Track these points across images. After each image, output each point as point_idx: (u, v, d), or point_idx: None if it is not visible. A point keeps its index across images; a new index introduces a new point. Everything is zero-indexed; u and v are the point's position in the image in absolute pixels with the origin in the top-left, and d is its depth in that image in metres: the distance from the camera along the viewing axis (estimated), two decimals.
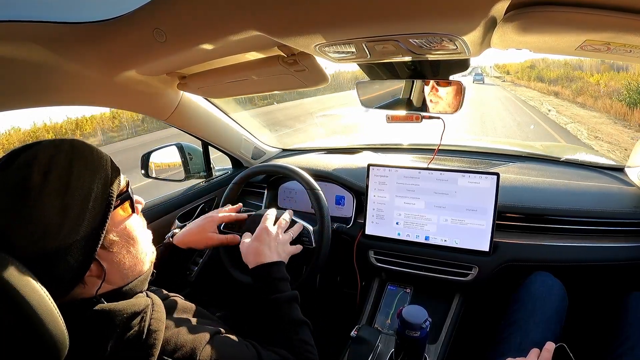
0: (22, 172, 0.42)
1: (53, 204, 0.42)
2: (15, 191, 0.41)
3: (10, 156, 0.44)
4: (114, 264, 0.49)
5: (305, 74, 0.80)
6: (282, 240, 0.80)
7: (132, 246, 0.52)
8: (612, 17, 0.45)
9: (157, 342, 0.46)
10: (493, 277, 0.95)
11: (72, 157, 0.46)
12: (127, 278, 0.52)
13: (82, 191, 0.44)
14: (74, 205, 0.43)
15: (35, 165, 0.43)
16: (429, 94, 0.92)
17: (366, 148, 1.47)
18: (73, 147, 0.47)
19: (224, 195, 1.06)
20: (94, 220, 0.45)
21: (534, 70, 39.56)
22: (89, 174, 0.46)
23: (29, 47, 0.61)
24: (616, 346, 0.76)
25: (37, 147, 0.45)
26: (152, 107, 1.03)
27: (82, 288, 0.47)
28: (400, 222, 1.02)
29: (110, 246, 0.49)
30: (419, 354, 0.73)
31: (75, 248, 0.43)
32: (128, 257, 0.51)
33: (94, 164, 0.47)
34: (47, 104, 0.77)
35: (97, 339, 0.44)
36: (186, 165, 1.30)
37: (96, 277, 0.48)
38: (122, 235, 0.51)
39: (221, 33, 0.61)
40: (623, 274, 0.94)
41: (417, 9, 0.47)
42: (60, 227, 0.42)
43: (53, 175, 0.43)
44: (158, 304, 0.52)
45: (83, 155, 0.47)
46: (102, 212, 0.46)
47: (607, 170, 1.16)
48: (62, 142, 0.47)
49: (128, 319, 0.46)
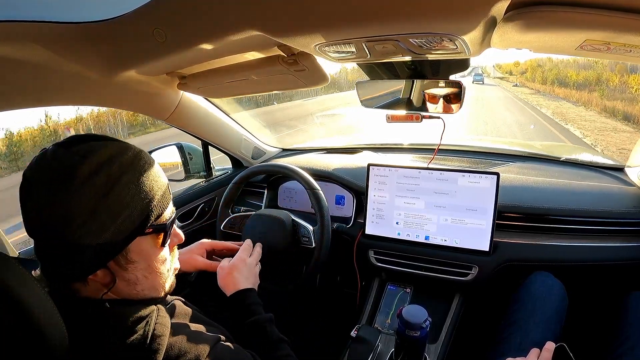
0: (77, 158, 0.42)
1: (87, 201, 0.42)
2: (64, 172, 0.42)
3: (79, 139, 0.45)
4: (125, 281, 0.48)
5: (305, 73, 0.80)
6: (256, 271, 0.80)
7: (151, 274, 0.50)
8: (612, 17, 0.45)
9: (161, 347, 0.46)
10: (493, 277, 0.95)
11: (128, 168, 0.45)
12: (137, 296, 0.50)
13: (119, 203, 0.43)
14: (105, 211, 0.43)
15: (91, 158, 0.43)
16: (430, 94, 0.92)
17: (366, 148, 1.47)
18: (135, 158, 0.46)
19: (224, 195, 1.06)
20: (116, 236, 0.44)
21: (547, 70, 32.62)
22: (135, 191, 0.45)
23: (29, 47, 0.61)
24: (616, 346, 0.76)
25: (104, 143, 0.45)
26: (152, 107, 1.03)
27: (82, 286, 0.46)
28: (400, 221, 1.02)
29: (126, 265, 0.47)
30: (419, 353, 0.73)
31: (87, 251, 0.43)
32: (144, 281, 0.50)
33: (145, 183, 0.46)
34: (47, 104, 0.77)
35: (101, 342, 0.44)
36: (186, 165, 1.30)
37: (101, 282, 0.46)
38: (143, 261, 0.49)
39: (221, 33, 0.61)
40: (623, 274, 0.94)
41: (417, 9, 0.47)
42: (83, 224, 0.41)
43: (101, 176, 0.43)
44: (163, 309, 0.51)
45: (140, 171, 0.46)
46: (128, 232, 0.45)
47: (607, 170, 1.16)
48: (128, 149, 0.47)
49: (133, 323, 0.46)
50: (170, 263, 0.55)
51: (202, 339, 0.51)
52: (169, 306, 0.56)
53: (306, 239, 0.96)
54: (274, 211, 1.00)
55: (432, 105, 0.92)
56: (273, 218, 0.97)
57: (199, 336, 0.52)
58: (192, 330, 0.53)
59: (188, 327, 0.53)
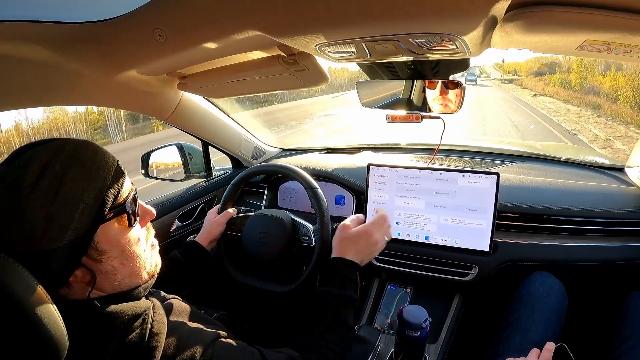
0: (20, 170, 0.42)
1: (40, 209, 0.41)
2: (11, 189, 0.41)
3: (18, 152, 0.44)
4: (104, 274, 0.48)
5: (305, 73, 0.81)
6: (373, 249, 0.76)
7: (127, 259, 0.49)
8: (612, 17, 0.45)
9: (159, 344, 0.45)
10: (493, 277, 0.95)
11: (71, 162, 0.44)
12: (120, 287, 0.50)
13: (71, 199, 0.43)
14: (60, 212, 0.42)
15: (33, 166, 0.42)
16: (430, 95, 0.92)
17: (366, 148, 1.47)
18: (75, 151, 0.45)
19: (224, 196, 1.06)
20: (79, 231, 0.43)
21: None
22: (83, 182, 0.44)
23: (29, 47, 0.61)
24: (616, 346, 0.76)
25: (43, 147, 0.44)
26: (152, 107, 1.03)
27: (69, 290, 0.46)
28: (400, 221, 1.02)
29: (99, 257, 0.47)
30: (419, 353, 0.73)
31: (58, 255, 0.42)
32: (122, 269, 0.49)
33: (91, 172, 0.45)
34: (47, 104, 0.77)
35: (98, 342, 0.44)
36: (186, 165, 1.30)
37: (82, 282, 0.46)
38: (115, 248, 0.48)
39: (221, 33, 0.61)
40: (623, 274, 0.94)
41: (417, 9, 0.47)
42: (44, 232, 0.41)
43: (45, 179, 0.42)
44: (159, 306, 0.51)
45: (82, 161, 0.45)
46: (89, 223, 0.44)
47: (607, 170, 1.16)
48: (65, 144, 0.45)
49: (129, 321, 0.45)
50: (146, 242, 0.54)
51: (200, 336, 0.51)
52: (166, 303, 0.56)
53: (306, 238, 0.95)
54: (274, 211, 1.00)
55: (432, 105, 0.92)
56: (273, 218, 0.97)
57: (197, 333, 0.52)
58: (191, 327, 0.53)
59: (186, 324, 0.53)
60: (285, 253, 0.96)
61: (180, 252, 0.90)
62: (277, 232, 0.95)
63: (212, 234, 0.97)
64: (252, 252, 0.97)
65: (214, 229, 0.97)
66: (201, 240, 0.94)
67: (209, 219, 1.00)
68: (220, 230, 0.98)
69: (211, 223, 0.98)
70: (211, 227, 0.97)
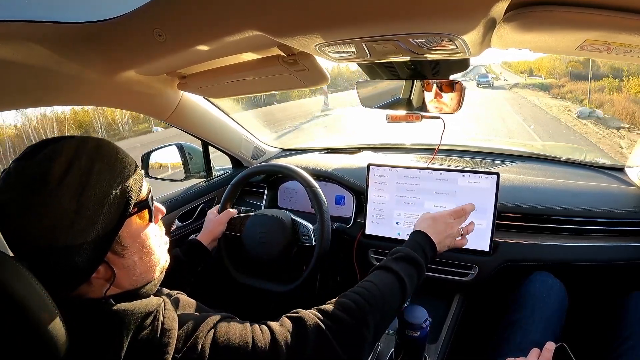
0: (44, 164, 0.42)
1: (69, 201, 0.41)
2: (34, 182, 0.41)
3: (37, 147, 0.44)
4: (124, 269, 0.48)
5: (305, 73, 0.81)
6: (449, 232, 0.77)
7: (145, 254, 0.51)
8: (612, 17, 0.45)
9: (171, 340, 0.46)
10: (493, 277, 0.95)
11: (95, 157, 0.45)
12: (137, 283, 0.51)
13: (99, 193, 0.43)
14: (89, 205, 0.42)
15: (58, 159, 0.42)
16: (430, 96, 0.92)
17: (366, 148, 1.47)
18: (98, 147, 0.46)
19: (224, 196, 1.06)
20: (107, 225, 0.44)
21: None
22: (109, 177, 0.45)
23: (29, 47, 0.61)
24: (616, 346, 0.76)
25: (64, 142, 0.45)
26: (152, 107, 1.03)
27: (88, 287, 0.46)
28: (400, 221, 1.02)
29: (122, 252, 0.47)
30: (419, 353, 0.74)
31: (84, 249, 0.42)
32: (140, 264, 0.50)
33: (115, 167, 0.46)
34: (47, 104, 0.77)
35: (111, 340, 0.43)
36: (186, 165, 1.30)
37: (103, 279, 0.47)
38: (136, 243, 0.49)
39: (221, 33, 0.61)
40: (623, 274, 0.94)
41: (417, 9, 0.47)
42: (71, 225, 0.41)
43: (73, 172, 0.42)
44: (168, 302, 0.51)
45: (106, 156, 0.46)
46: (117, 218, 0.45)
47: (607, 170, 1.16)
48: (88, 140, 0.46)
49: (142, 318, 0.46)
50: (160, 238, 0.56)
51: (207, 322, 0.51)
52: (173, 299, 0.56)
53: (306, 237, 0.96)
54: (274, 211, 1.00)
55: (432, 105, 0.92)
56: (273, 218, 0.97)
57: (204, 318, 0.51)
58: (198, 317, 0.52)
59: (194, 315, 0.53)
60: (285, 253, 0.96)
61: (182, 251, 0.90)
62: (277, 232, 0.95)
63: (213, 233, 0.97)
64: (252, 252, 0.97)
65: (216, 228, 0.97)
66: (203, 239, 0.94)
67: (210, 218, 1.00)
68: (221, 230, 0.98)
69: (212, 222, 0.98)
70: (213, 226, 0.97)
